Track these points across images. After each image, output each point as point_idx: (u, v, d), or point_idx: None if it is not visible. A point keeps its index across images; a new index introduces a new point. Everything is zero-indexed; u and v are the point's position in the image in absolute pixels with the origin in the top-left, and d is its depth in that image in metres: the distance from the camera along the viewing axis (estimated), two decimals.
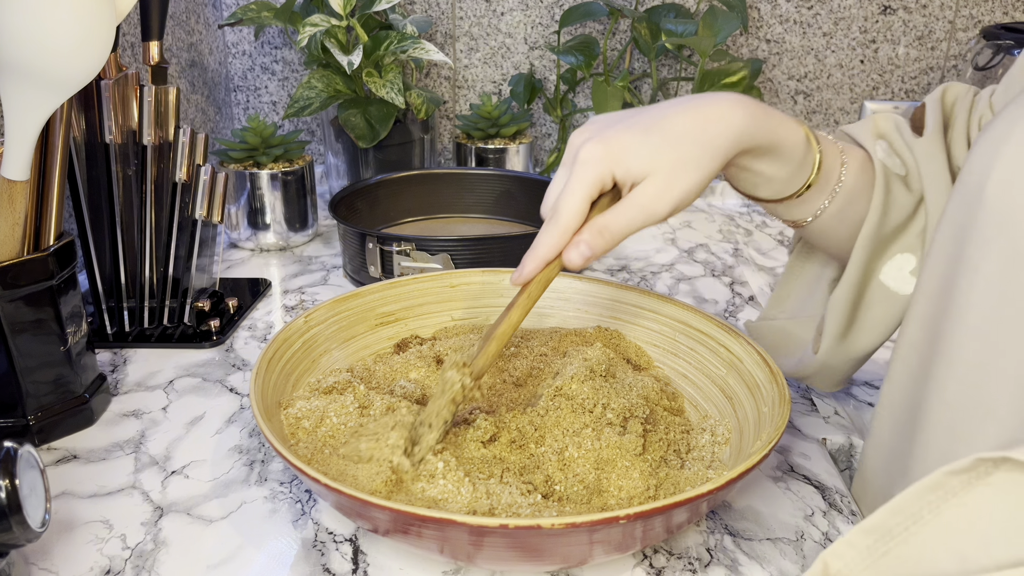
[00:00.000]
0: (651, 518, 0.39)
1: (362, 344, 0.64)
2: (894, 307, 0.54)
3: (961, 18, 1.15)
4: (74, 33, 0.49)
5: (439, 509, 0.41)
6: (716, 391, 0.57)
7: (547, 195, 0.48)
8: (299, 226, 0.97)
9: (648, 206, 0.45)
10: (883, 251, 0.54)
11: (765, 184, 0.52)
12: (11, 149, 0.52)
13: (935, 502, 0.32)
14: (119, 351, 0.71)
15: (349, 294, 0.64)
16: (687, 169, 0.45)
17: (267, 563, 0.47)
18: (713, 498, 0.41)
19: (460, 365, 0.47)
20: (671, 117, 0.46)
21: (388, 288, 0.66)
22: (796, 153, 0.50)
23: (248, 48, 1.21)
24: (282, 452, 0.43)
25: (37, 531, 0.39)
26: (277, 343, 0.56)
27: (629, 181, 0.46)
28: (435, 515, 0.38)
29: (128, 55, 0.92)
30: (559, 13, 1.17)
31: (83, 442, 0.58)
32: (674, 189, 0.45)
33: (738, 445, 0.51)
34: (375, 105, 1.01)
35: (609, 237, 0.46)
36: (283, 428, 0.51)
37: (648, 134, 0.46)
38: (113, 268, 0.72)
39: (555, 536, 0.39)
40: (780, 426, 0.45)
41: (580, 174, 0.46)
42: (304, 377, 0.58)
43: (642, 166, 0.45)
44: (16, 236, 0.54)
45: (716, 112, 0.46)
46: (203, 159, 0.75)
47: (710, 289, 0.89)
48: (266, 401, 0.51)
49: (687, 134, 0.45)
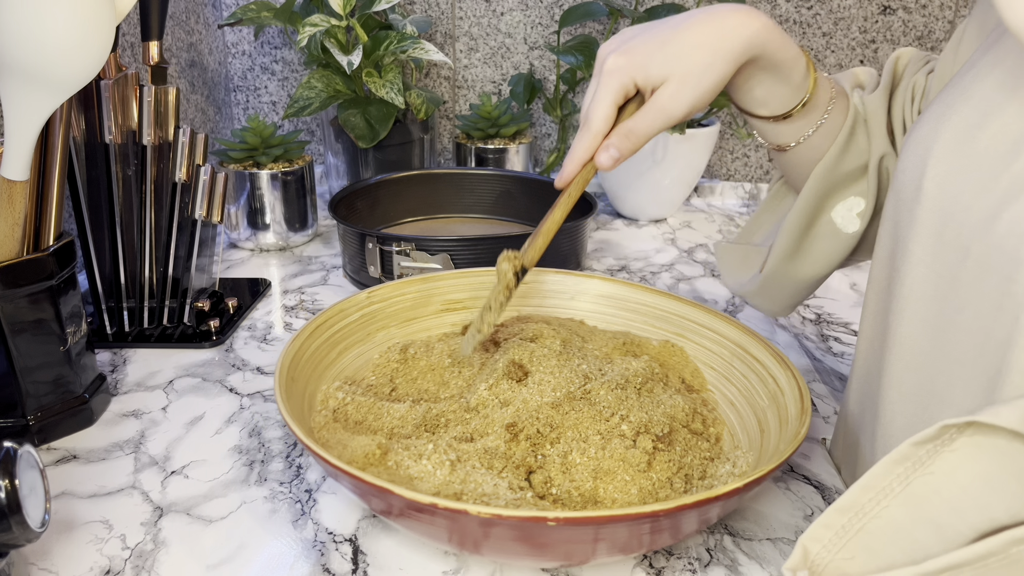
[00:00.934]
0: (638, 522, 0.39)
1: (423, 326, 0.66)
2: (839, 243, 0.59)
3: (961, 18, 1.15)
4: (74, 33, 0.49)
5: (411, 487, 0.44)
6: (754, 422, 0.55)
7: (582, 106, 0.53)
8: (299, 226, 0.97)
9: (666, 107, 0.50)
10: (838, 190, 0.58)
11: (763, 98, 0.56)
12: (11, 149, 0.52)
13: (903, 474, 0.33)
14: (119, 351, 0.71)
15: (417, 279, 0.66)
16: (701, 73, 0.50)
17: (267, 563, 0.47)
18: (706, 509, 0.41)
19: (512, 257, 0.54)
20: (689, 27, 0.51)
21: (458, 277, 0.68)
22: (796, 73, 0.54)
23: (248, 48, 1.21)
24: (288, 420, 0.43)
25: (37, 531, 0.39)
26: (332, 312, 0.59)
27: (650, 86, 0.51)
28: (413, 497, 0.39)
29: (128, 55, 0.92)
30: (559, 13, 1.18)
31: (83, 442, 0.58)
32: (689, 91, 0.50)
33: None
34: (375, 105, 1.01)
35: (635, 139, 0.51)
36: (313, 397, 0.55)
37: (666, 44, 0.50)
38: (113, 268, 0.72)
39: (554, 531, 0.39)
40: (800, 436, 0.45)
41: (606, 82, 0.51)
42: (354, 348, 0.61)
43: (660, 72, 0.50)
44: (16, 236, 0.54)
45: (731, 22, 0.50)
46: (203, 159, 0.75)
47: (710, 289, 0.89)
48: (299, 365, 0.54)
49: (702, 43, 0.50)
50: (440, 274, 0.67)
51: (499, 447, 0.49)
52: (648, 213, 1.10)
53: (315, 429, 0.53)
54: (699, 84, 0.50)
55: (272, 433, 0.60)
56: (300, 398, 0.53)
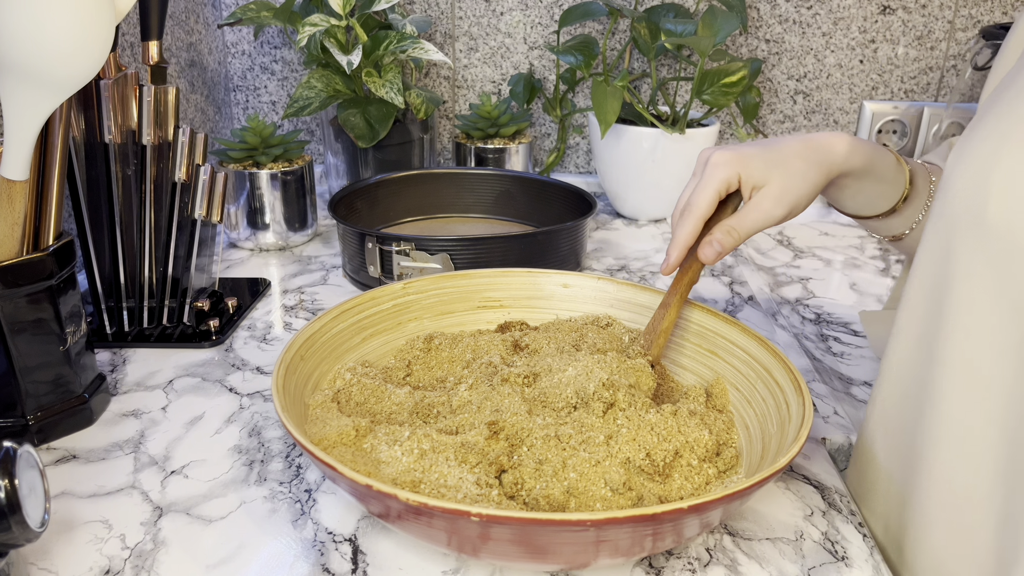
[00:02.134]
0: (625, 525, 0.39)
1: (456, 321, 0.67)
2: None
3: (960, 18, 1.15)
4: (73, 33, 0.49)
5: (377, 472, 0.46)
6: (759, 448, 0.53)
7: (678, 201, 0.57)
8: (298, 226, 0.97)
9: (768, 209, 0.54)
10: None
11: (867, 202, 0.59)
12: (11, 149, 0.52)
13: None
14: (118, 351, 0.71)
15: (456, 274, 0.67)
16: (800, 179, 0.54)
17: (267, 563, 0.47)
18: (705, 513, 0.41)
19: (642, 354, 0.58)
20: (788, 142, 0.56)
21: (499, 276, 0.68)
22: (888, 171, 0.57)
23: (247, 48, 1.21)
24: (282, 415, 0.43)
25: (36, 531, 0.39)
26: (364, 298, 0.61)
27: (751, 184, 0.55)
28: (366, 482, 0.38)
29: (128, 55, 0.92)
30: (559, 13, 1.17)
31: (82, 442, 0.58)
32: (788, 195, 0.54)
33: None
34: (375, 105, 1.01)
35: (736, 236, 0.55)
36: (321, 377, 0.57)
37: (768, 148, 0.55)
38: (112, 268, 0.72)
39: (549, 533, 0.39)
40: (800, 438, 0.45)
41: (711, 173, 0.55)
42: (381, 335, 0.62)
43: (761, 174, 0.54)
44: (15, 236, 0.54)
45: (821, 139, 0.55)
46: (202, 159, 0.75)
47: (710, 289, 0.89)
48: (314, 346, 0.56)
49: (799, 153, 0.55)
50: (478, 272, 0.68)
51: (478, 443, 0.48)
52: (648, 213, 1.10)
53: (311, 407, 0.54)
54: (798, 189, 0.54)
55: (272, 433, 0.60)
56: (305, 377, 0.54)
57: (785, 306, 0.87)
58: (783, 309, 0.86)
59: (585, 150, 1.27)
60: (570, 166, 1.28)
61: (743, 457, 0.53)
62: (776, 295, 0.90)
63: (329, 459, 0.42)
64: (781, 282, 0.93)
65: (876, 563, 0.48)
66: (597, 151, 1.10)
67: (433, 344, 0.62)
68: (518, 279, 0.68)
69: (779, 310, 0.86)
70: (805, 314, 0.86)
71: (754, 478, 0.41)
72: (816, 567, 0.47)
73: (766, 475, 0.41)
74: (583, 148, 1.27)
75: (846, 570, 0.47)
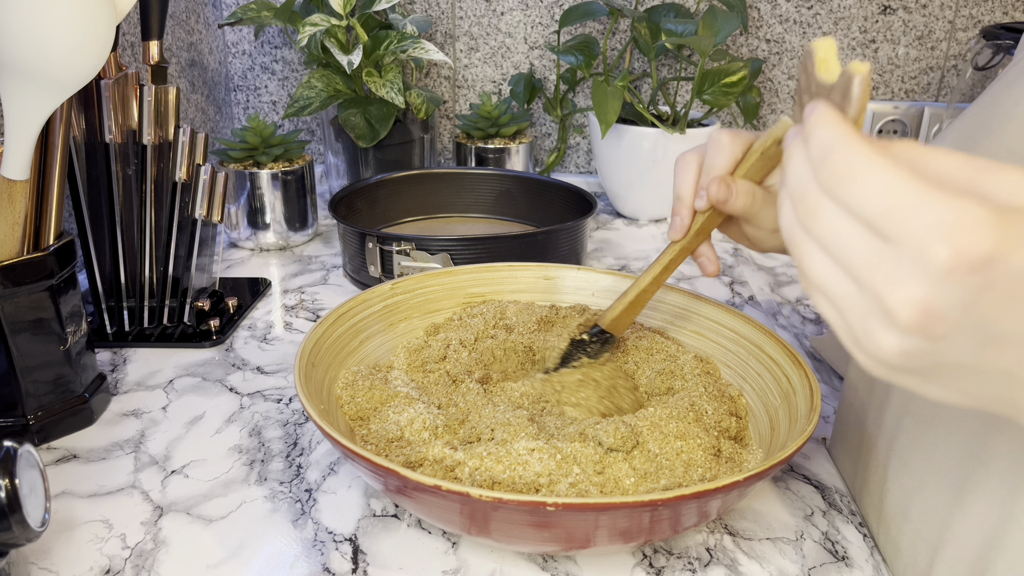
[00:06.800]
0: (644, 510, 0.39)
1: (444, 318, 0.67)
2: None
3: (961, 18, 1.15)
4: (74, 33, 0.49)
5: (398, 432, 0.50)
6: (766, 421, 0.53)
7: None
8: (299, 226, 0.97)
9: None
10: None
11: None
12: (11, 148, 0.52)
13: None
14: (119, 351, 0.71)
15: (441, 271, 0.67)
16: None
17: (267, 563, 0.47)
18: (708, 500, 0.41)
19: (594, 321, 0.57)
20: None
21: (483, 271, 0.69)
22: None
23: (248, 48, 1.21)
24: (301, 389, 0.43)
25: (37, 531, 0.39)
26: (356, 301, 0.61)
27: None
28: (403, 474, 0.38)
29: (128, 55, 0.92)
30: (559, 13, 1.17)
31: (83, 442, 0.58)
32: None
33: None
34: (375, 105, 1.01)
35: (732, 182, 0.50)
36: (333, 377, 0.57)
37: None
38: (113, 268, 0.72)
39: (553, 515, 0.39)
40: (805, 434, 0.45)
41: (715, 137, 0.50)
42: (376, 337, 0.62)
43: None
44: (16, 235, 0.54)
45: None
46: (203, 159, 0.75)
47: (710, 289, 0.89)
48: (320, 350, 0.56)
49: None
50: (462, 268, 0.68)
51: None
52: (648, 213, 1.10)
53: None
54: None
55: (272, 433, 0.60)
56: (318, 384, 0.55)
57: (785, 306, 0.87)
58: (783, 309, 0.86)
59: (585, 150, 1.27)
60: (570, 166, 1.28)
61: (751, 432, 0.55)
62: (776, 295, 0.90)
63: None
64: (781, 282, 0.93)
65: (876, 563, 0.48)
66: (597, 151, 1.10)
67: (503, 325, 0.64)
68: (500, 274, 0.69)
69: (779, 310, 0.86)
70: (806, 314, 0.86)
71: (798, 441, 0.43)
72: (816, 567, 0.47)
73: (801, 443, 0.44)
74: (583, 148, 1.27)
75: (846, 570, 0.47)
